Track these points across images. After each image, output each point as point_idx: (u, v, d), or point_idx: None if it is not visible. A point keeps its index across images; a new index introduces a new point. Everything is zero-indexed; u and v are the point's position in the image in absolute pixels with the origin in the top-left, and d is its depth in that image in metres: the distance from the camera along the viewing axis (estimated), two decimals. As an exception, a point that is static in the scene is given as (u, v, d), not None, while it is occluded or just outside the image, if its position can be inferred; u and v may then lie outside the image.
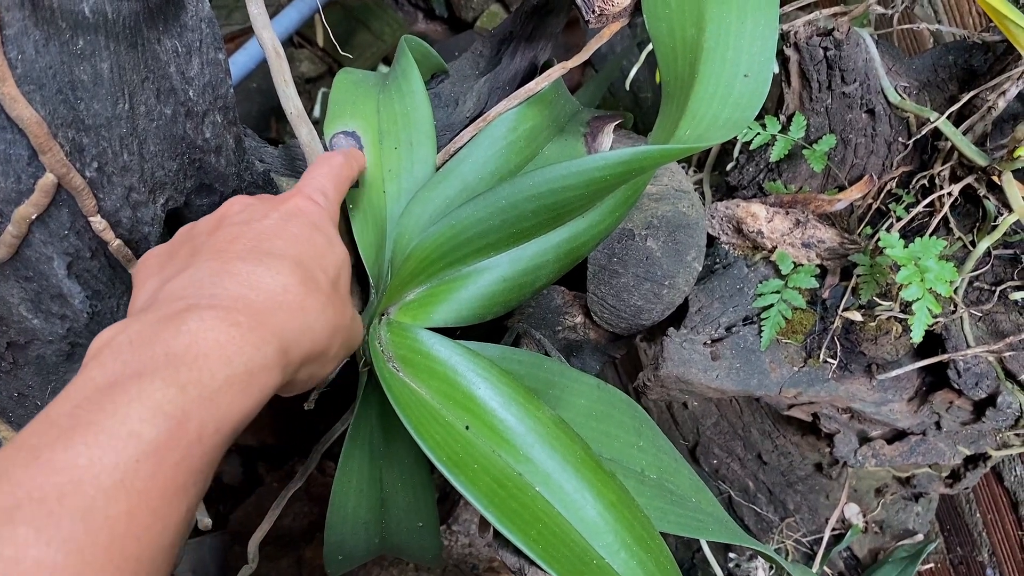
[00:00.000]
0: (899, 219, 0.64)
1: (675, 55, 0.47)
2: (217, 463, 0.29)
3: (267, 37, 0.47)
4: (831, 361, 0.61)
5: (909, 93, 0.65)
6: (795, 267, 0.61)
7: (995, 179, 0.59)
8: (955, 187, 0.62)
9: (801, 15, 0.65)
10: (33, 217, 0.38)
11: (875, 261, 0.59)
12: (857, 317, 0.60)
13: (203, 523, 0.51)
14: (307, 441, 1.04)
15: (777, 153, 0.66)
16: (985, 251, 0.60)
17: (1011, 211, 0.57)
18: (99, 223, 0.41)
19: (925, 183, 0.65)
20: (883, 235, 0.55)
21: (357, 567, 0.58)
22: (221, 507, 1.04)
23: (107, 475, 0.24)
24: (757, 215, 0.62)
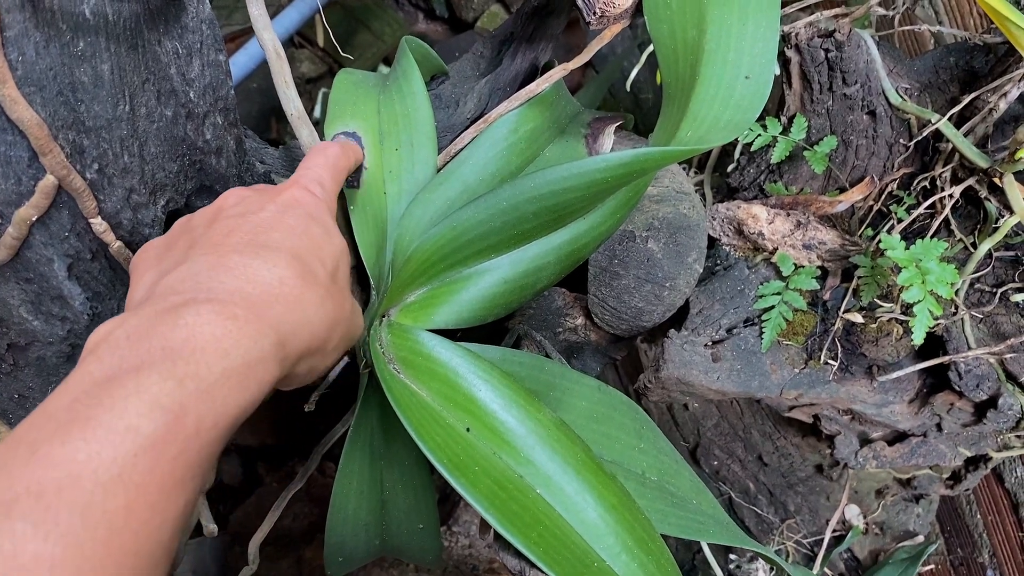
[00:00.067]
0: (900, 221, 0.64)
1: (676, 57, 0.47)
2: (216, 458, 0.28)
3: (268, 38, 0.47)
4: (832, 363, 0.61)
5: (910, 95, 0.65)
6: (796, 269, 0.61)
7: (996, 181, 0.59)
8: (956, 189, 0.62)
9: (802, 16, 0.65)
10: (33, 219, 0.38)
11: (876, 263, 0.59)
12: (858, 319, 0.60)
13: (208, 529, 0.51)
14: (307, 442, 1.04)
15: (778, 155, 0.66)
16: (986, 253, 0.60)
17: (1012, 213, 0.57)
18: (100, 225, 0.40)
19: (926, 185, 0.65)
20: (884, 237, 0.55)
21: (357, 568, 0.58)
22: (221, 507, 1.04)
23: (105, 469, 0.24)
24: (758, 217, 0.62)
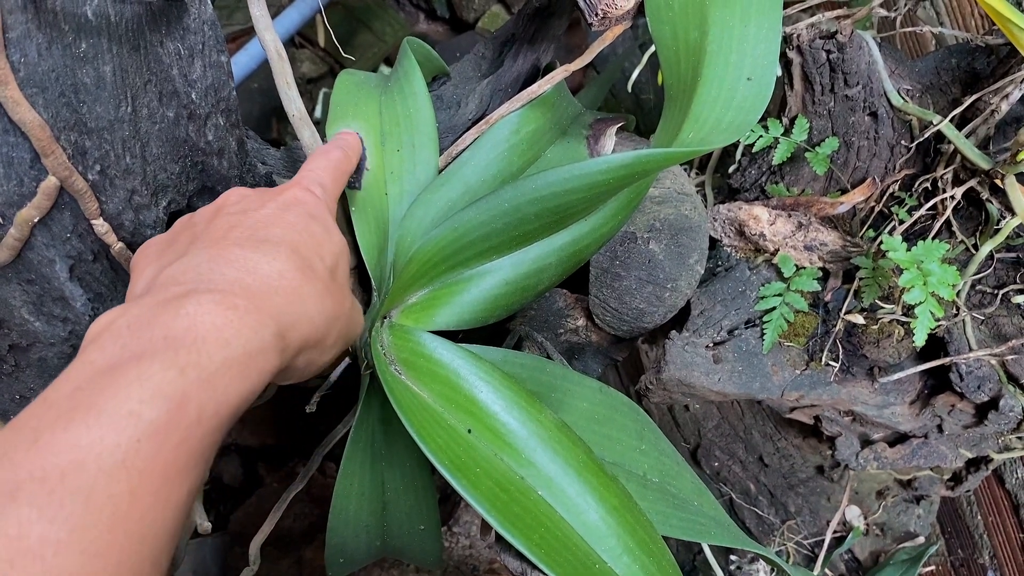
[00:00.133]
0: (901, 222, 0.64)
1: (678, 58, 0.47)
2: (217, 446, 0.29)
3: (269, 39, 0.47)
4: (833, 364, 0.61)
5: (912, 96, 0.65)
6: (797, 270, 0.61)
7: (998, 182, 0.59)
8: (958, 190, 0.62)
9: (804, 18, 0.65)
10: (35, 220, 0.38)
11: (877, 264, 0.59)
12: (859, 320, 0.60)
13: (202, 527, 0.51)
14: (307, 442, 1.04)
15: (779, 156, 0.66)
16: (988, 254, 0.60)
17: (1014, 214, 0.57)
18: (101, 226, 0.40)
19: (928, 186, 0.65)
20: (885, 238, 0.55)
21: (358, 569, 0.58)
22: (221, 507, 1.04)
23: (108, 455, 0.24)
24: (759, 218, 0.62)
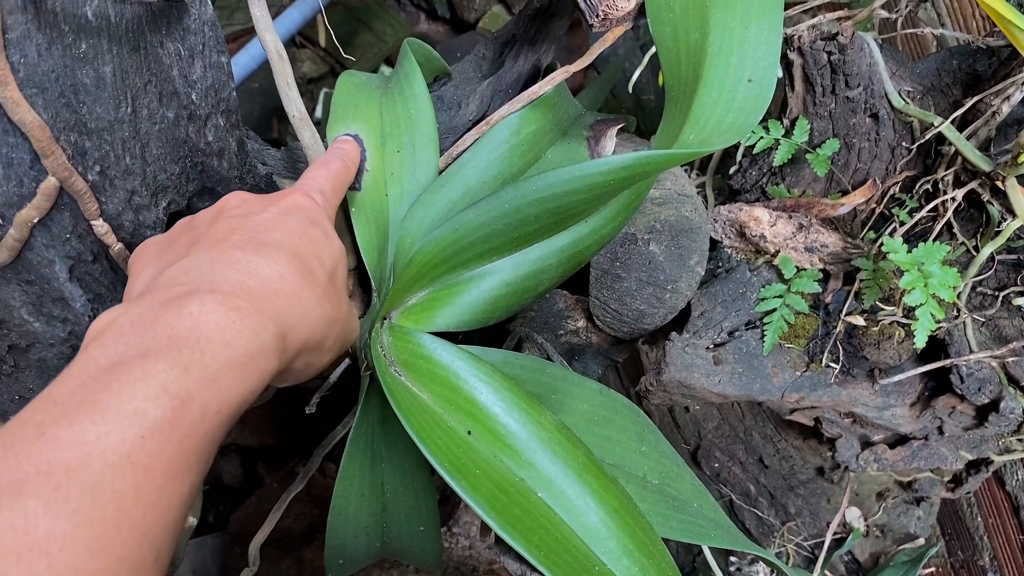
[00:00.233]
0: (902, 224, 0.64)
1: (679, 59, 0.47)
2: (217, 445, 0.29)
3: (270, 40, 0.47)
4: (833, 366, 0.61)
5: (913, 97, 0.64)
6: (798, 271, 0.61)
7: (999, 184, 0.59)
8: (959, 192, 0.62)
9: (805, 19, 0.65)
10: (35, 221, 0.38)
11: (878, 266, 0.59)
12: (860, 322, 0.60)
13: (188, 521, 0.51)
14: (307, 442, 1.04)
15: (780, 157, 0.66)
16: (989, 256, 0.60)
17: (1015, 216, 0.57)
18: (101, 227, 0.40)
19: (929, 188, 0.65)
20: (886, 240, 0.55)
21: (358, 570, 0.58)
22: (221, 507, 1.04)
23: (114, 451, 0.24)
24: (760, 219, 0.62)
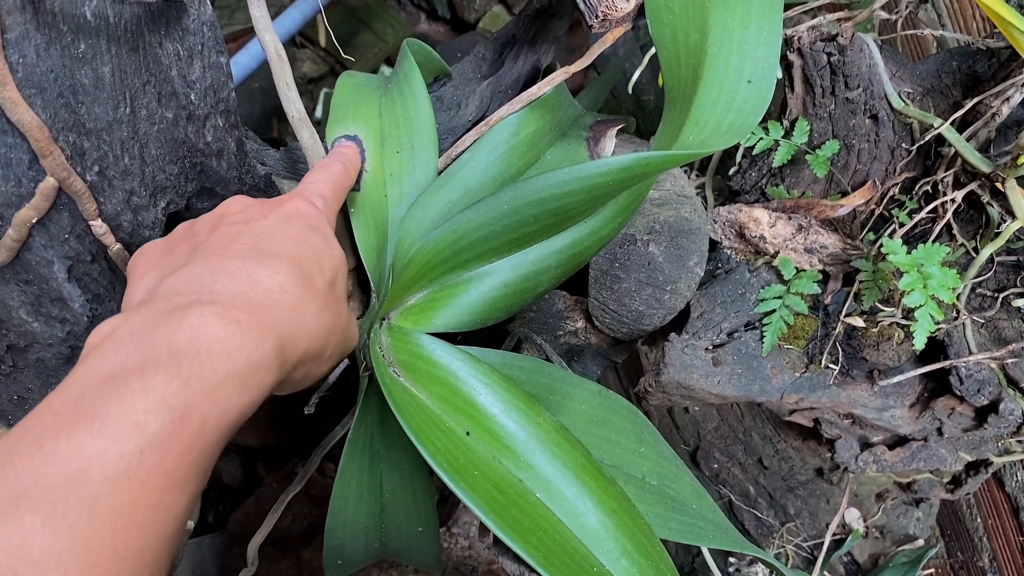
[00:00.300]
0: (902, 225, 0.64)
1: (678, 60, 0.47)
2: (215, 458, 0.29)
3: (269, 40, 0.47)
4: (833, 367, 0.61)
5: (913, 99, 0.64)
6: (797, 272, 0.61)
7: (999, 186, 0.59)
8: (958, 193, 0.61)
9: (805, 20, 0.65)
10: (33, 221, 0.38)
11: (877, 267, 0.59)
12: (859, 323, 0.60)
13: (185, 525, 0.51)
14: (307, 442, 1.04)
15: (780, 158, 0.66)
16: (988, 258, 0.60)
17: (1014, 218, 0.57)
18: (100, 227, 0.40)
19: (928, 189, 0.65)
20: (886, 241, 0.55)
21: (356, 570, 0.58)
22: (221, 507, 1.04)
23: (112, 465, 0.24)
24: (759, 220, 0.62)
